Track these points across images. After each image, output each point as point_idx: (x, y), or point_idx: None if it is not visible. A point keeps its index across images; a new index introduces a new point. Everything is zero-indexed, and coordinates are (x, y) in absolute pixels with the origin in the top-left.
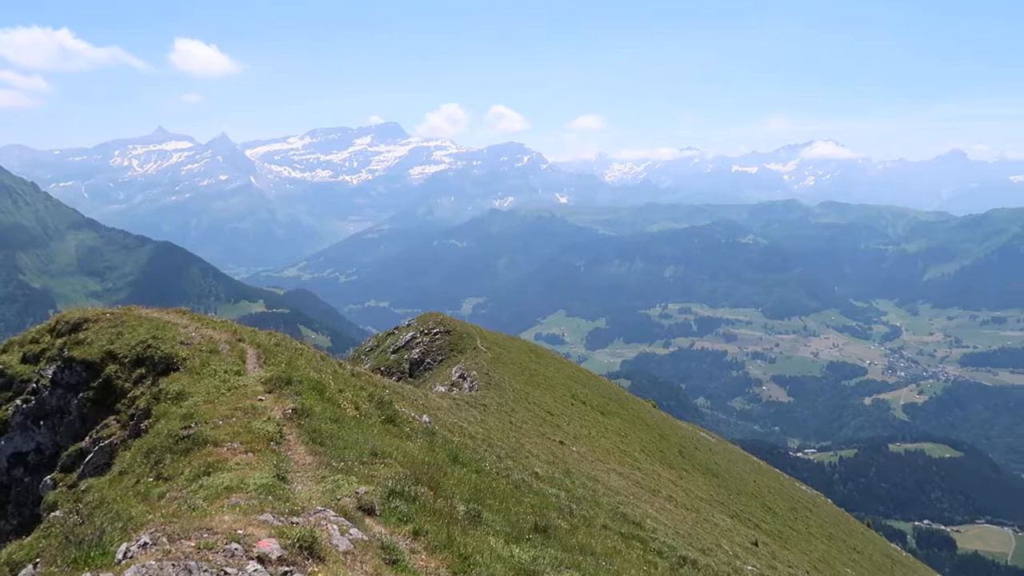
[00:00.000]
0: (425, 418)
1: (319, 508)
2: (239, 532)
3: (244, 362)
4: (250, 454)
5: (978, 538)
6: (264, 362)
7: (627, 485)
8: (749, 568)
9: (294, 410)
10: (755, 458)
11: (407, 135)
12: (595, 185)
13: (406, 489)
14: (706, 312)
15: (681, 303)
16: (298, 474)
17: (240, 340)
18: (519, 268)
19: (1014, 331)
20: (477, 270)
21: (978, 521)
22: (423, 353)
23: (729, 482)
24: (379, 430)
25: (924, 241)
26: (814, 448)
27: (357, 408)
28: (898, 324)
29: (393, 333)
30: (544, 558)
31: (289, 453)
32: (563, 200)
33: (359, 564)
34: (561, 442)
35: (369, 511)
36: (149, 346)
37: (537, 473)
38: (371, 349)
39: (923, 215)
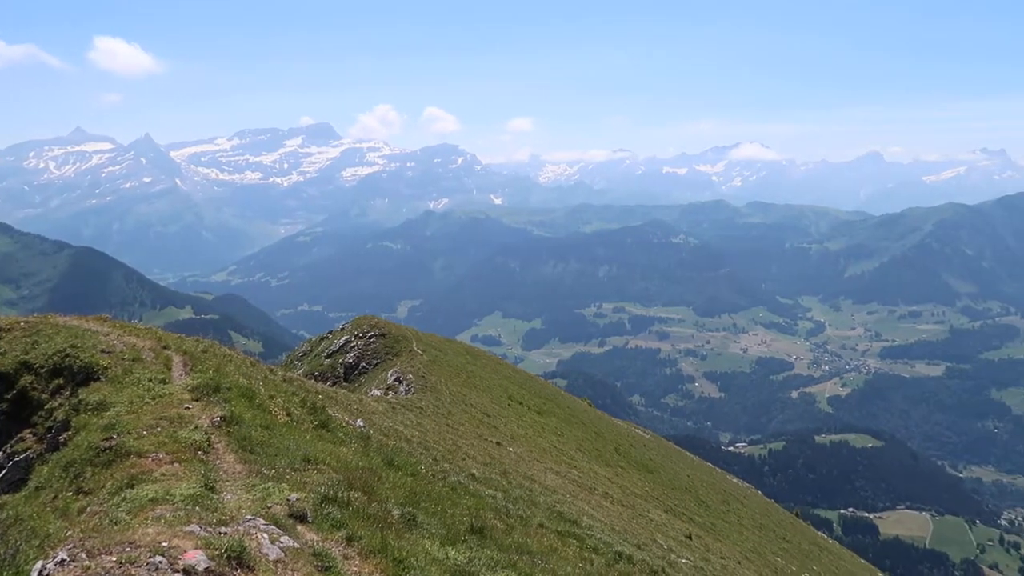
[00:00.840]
0: (359, 422)
1: (249, 517)
2: (163, 545)
3: (169, 370)
4: (176, 464)
5: (898, 523)
6: (191, 369)
7: (564, 484)
8: (683, 561)
9: (223, 418)
10: (688, 453)
11: (339, 136)
12: (529, 186)
13: (339, 495)
14: (639, 311)
15: (615, 302)
16: (227, 483)
17: (165, 347)
18: (454, 270)
19: (929, 324)
20: (412, 272)
21: (898, 507)
22: (358, 357)
23: (663, 477)
24: (312, 436)
25: (845, 240)
26: (744, 442)
27: (289, 414)
28: (822, 320)
29: (327, 337)
30: (480, 559)
31: (217, 462)
32: (498, 201)
33: (290, 572)
34: (498, 443)
35: (301, 518)
36: (67, 355)
37: (474, 475)
38: (304, 354)
39: (844, 215)
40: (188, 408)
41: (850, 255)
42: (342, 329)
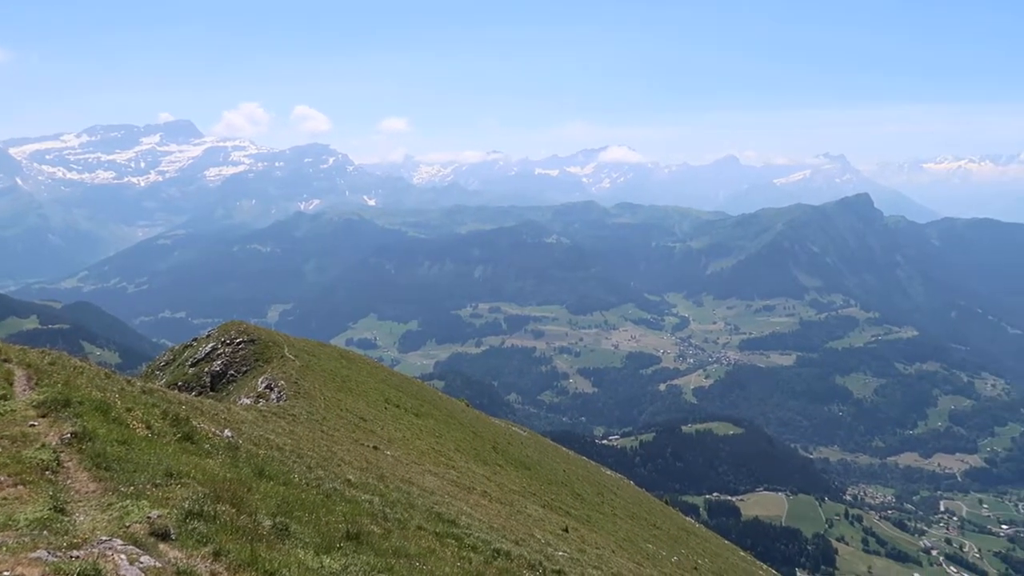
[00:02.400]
0: (227, 432)
1: (104, 538)
2: (6, 574)
3: (11, 385)
4: (20, 487)
5: (758, 504)
6: (36, 384)
7: (442, 485)
8: (560, 554)
9: (73, 434)
10: (564, 448)
11: (201, 134)
12: (403, 187)
13: (205, 509)
14: (515, 310)
15: (491, 302)
16: (80, 504)
17: (6, 360)
18: (327, 272)
19: (781, 317)
20: (283, 276)
21: (757, 489)
22: (226, 365)
23: (540, 473)
24: (175, 449)
25: (706, 239)
26: (617, 434)
27: (149, 427)
28: (686, 315)
29: (191, 345)
30: (356, 565)
31: (69, 482)
32: (371, 202)
33: None
34: (375, 447)
35: (163, 536)
36: None
37: (350, 480)
38: (167, 363)
39: (704, 215)
40: (34, 425)
41: (711, 253)
42: (208, 336)
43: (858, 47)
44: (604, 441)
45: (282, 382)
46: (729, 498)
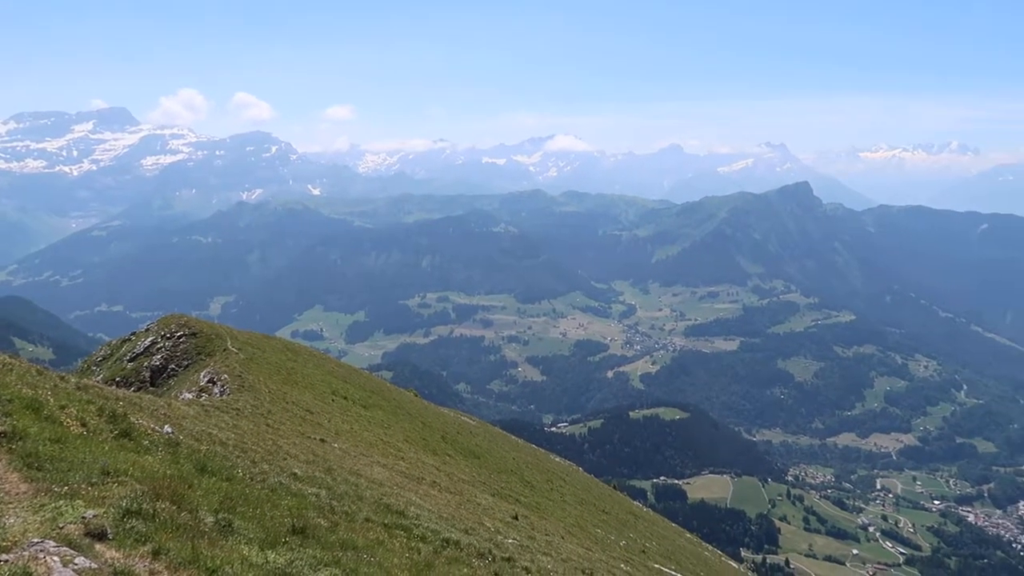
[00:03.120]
0: (167, 428)
1: (36, 540)
2: None
3: None
4: None
5: (704, 487)
6: None
7: (391, 476)
8: (510, 541)
9: (2, 433)
10: (514, 437)
11: (137, 122)
12: (349, 176)
13: (144, 507)
14: (463, 300)
15: (439, 292)
16: (10, 506)
17: None
18: (271, 263)
19: (725, 303)
20: (225, 267)
21: (703, 472)
22: (166, 359)
23: (490, 462)
24: (112, 446)
25: (652, 227)
26: (566, 422)
27: (84, 425)
28: (633, 302)
29: (129, 339)
30: (302, 559)
31: None
32: (316, 192)
33: None
34: (322, 440)
35: (100, 536)
36: None
37: (296, 474)
38: (104, 359)
39: (650, 203)
40: None
41: (656, 241)
42: (147, 330)
43: (797, 39)
44: (553, 429)
45: (225, 376)
46: (676, 482)
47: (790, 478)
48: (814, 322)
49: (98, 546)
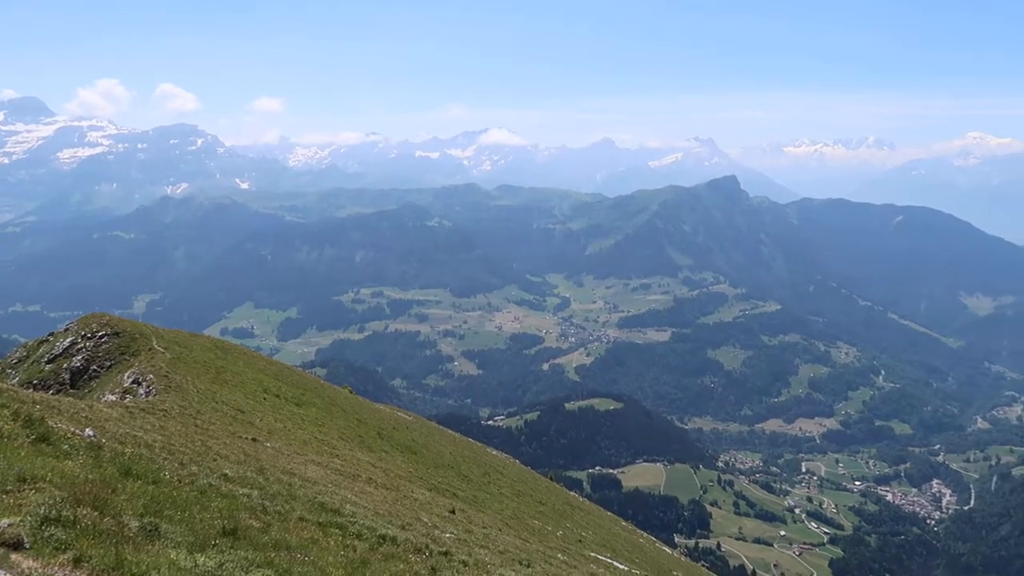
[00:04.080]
0: (89, 432)
1: None
2: None
3: None
4: None
5: (638, 476)
6: None
7: (326, 474)
8: (447, 536)
9: None
10: (450, 431)
11: (52, 113)
12: (279, 170)
13: (64, 513)
14: (398, 295)
15: (373, 287)
16: None
17: None
18: (199, 260)
19: (657, 295)
20: (150, 264)
21: (637, 461)
22: (87, 360)
23: (427, 457)
24: (28, 452)
25: (585, 220)
26: (503, 415)
27: None
28: (567, 295)
29: (47, 340)
30: (232, 561)
31: None
32: (244, 186)
33: None
34: (254, 439)
35: (16, 545)
36: None
37: (226, 475)
38: (19, 361)
39: (583, 197)
40: None
41: (590, 234)
42: (66, 330)
43: (725, 34)
44: (490, 422)
45: (151, 376)
46: (611, 471)
47: (721, 464)
48: (742, 312)
49: (14, 556)
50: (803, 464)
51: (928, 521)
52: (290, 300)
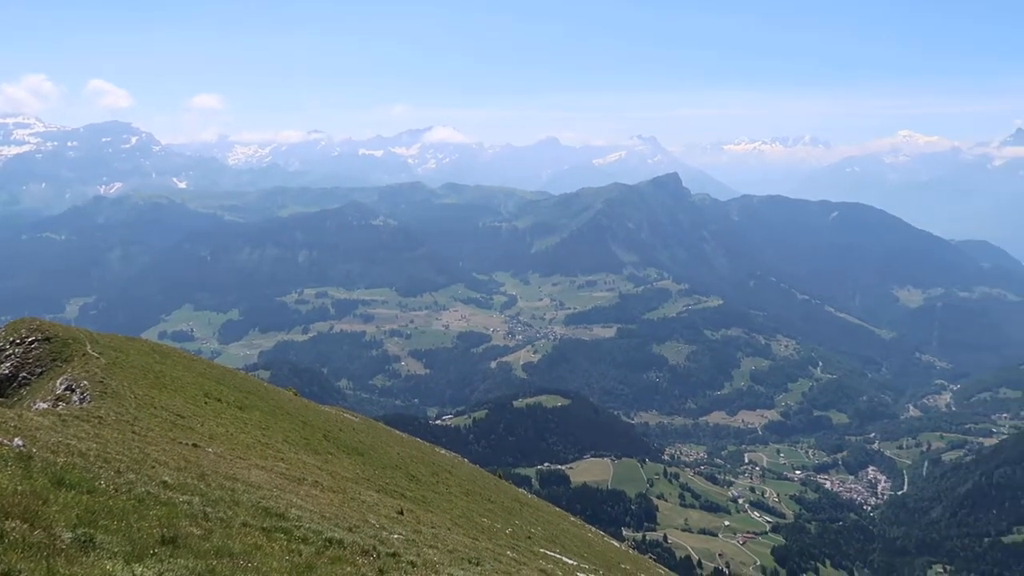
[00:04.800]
0: (18, 441)
1: None
2: None
3: None
4: None
5: (586, 471)
6: None
7: (270, 478)
8: (395, 537)
9: None
10: (398, 431)
11: None
12: (218, 168)
13: None
14: (343, 295)
15: (317, 287)
16: None
17: None
18: (135, 261)
19: (602, 292)
20: (83, 266)
21: (585, 457)
22: (16, 367)
23: (374, 458)
24: None
25: (531, 218)
26: (451, 414)
27: None
28: (514, 293)
29: None
30: (172, 570)
31: None
32: (182, 185)
33: None
34: (195, 445)
35: None
36: None
37: (166, 482)
38: None
39: (528, 195)
40: None
41: (535, 232)
42: None
43: (666, 33)
44: (438, 421)
45: (85, 382)
46: (559, 467)
47: (666, 457)
48: (685, 307)
49: None
50: (746, 455)
51: (865, 507)
52: (231, 302)
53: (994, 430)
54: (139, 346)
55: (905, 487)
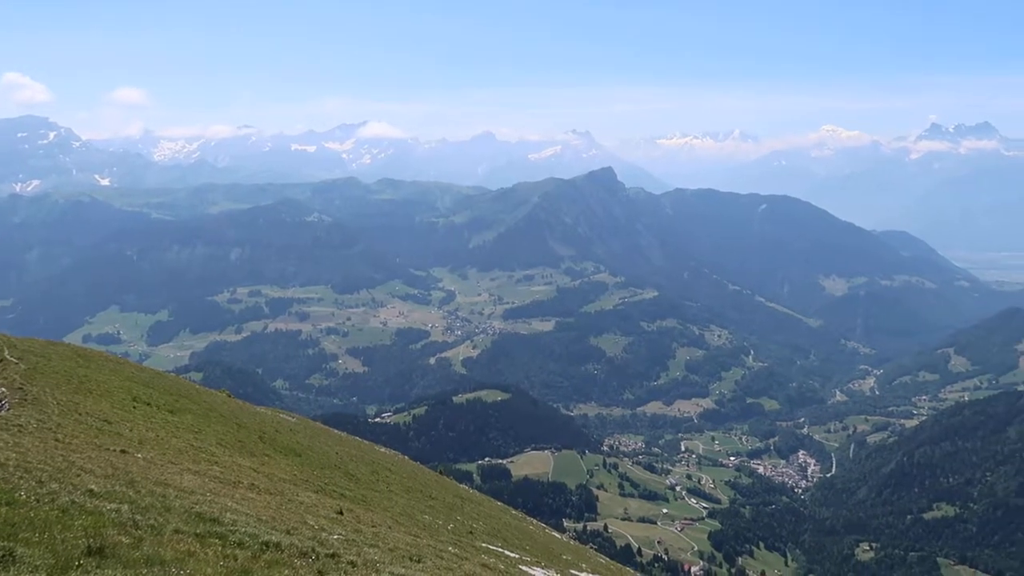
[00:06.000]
0: None
1: None
2: None
3: None
4: None
5: (527, 464)
6: None
7: (204, 483)
8: (334, 537)
9: None
10: (336, 431)
11: None
12: (143, 164)
13: None
14: (277, 293)
15: (250, 286)
16: None
17: None
18: (56, 262)
19: (540, 286)
20: None
21: (526, 450)
22: None
23: (312, 459)
24: None
25: (468, 213)
26: (390, 411)
27: None
28: (452, 288)
29: None
30: None
31: None
32: (105, 182)
33: None
34: (123, 451)
35: None
36: None
37: (92, 490)
38: None
39: (465, 190)
40: None
41: (473, 227)
42: None
43: (599, 27)
44: (377, 419)
45: (3, 390)
46: (500, 461)
47: (606, 448)
48: (622, 300)
49: None
50: (682, 443)
51: (796, 490)
52: (160, 302)
53: (914, 412)
54: (61, 350)
55: (833, 469)
